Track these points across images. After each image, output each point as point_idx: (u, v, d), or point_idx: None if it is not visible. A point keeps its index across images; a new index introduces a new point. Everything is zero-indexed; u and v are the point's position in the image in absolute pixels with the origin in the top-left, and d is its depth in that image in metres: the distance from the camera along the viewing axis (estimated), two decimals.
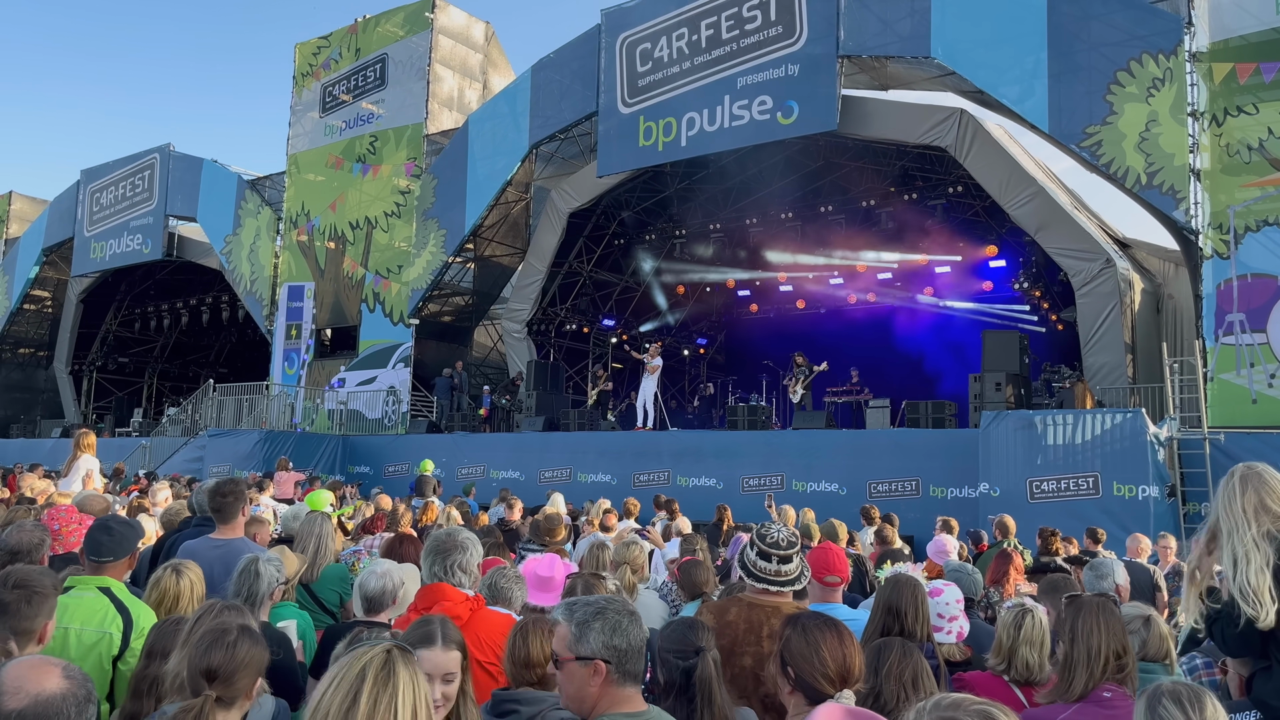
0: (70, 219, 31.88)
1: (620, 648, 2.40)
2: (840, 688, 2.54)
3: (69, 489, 8.48)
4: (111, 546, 3.76)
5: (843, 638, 2.63)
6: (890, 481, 14.54)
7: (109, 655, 3.47)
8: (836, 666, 2.56)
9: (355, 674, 1.78)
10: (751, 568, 3.78)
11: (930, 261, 22.14)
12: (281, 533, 6.57)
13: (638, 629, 2.46)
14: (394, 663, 1.81)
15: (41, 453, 23.83)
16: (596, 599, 2.55)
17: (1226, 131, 13.87)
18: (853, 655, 2.59)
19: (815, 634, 2.63)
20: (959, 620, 4.18)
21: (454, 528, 3.99)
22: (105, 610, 3.53)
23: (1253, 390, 13.36)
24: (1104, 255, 15.12)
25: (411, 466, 18.48)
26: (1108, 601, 3.19)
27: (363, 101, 25.04)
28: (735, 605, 3.81)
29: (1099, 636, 3.01)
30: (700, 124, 18.62)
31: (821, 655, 2.58)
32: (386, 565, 4.15)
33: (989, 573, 5.98)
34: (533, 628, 3.00)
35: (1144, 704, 2.14)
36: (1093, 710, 2.88)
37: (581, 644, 2.40)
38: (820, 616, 2.70)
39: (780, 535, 3.78)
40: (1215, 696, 2.12)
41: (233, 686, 2.64)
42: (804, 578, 3.88)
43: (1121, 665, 2.97)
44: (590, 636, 2.40)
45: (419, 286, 23.09)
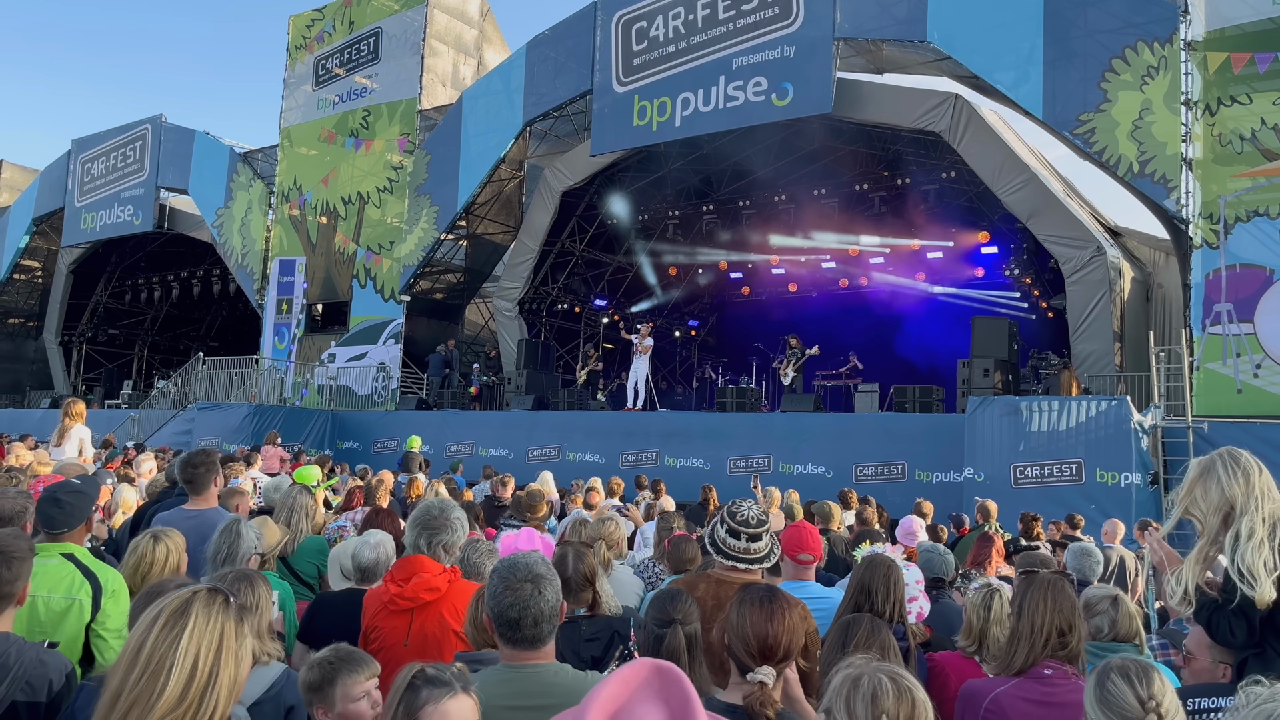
0: (61, 189, 31.68)
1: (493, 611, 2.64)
2: (760, 663, 2.54)
3: (61, 457, 8.47)
4: (63, 518, 3.76)
5: (772, 615, 2.60)
6: (876, 465, 14.60)
7: (81, 621, 3.49)
8: (758, 643, 2.56)
9: (152, 615, 1.84)
10: (721, 545, 3.81)
11: (922, 246, 22.15)
12: (263, 504, 6.58)
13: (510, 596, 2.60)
14: (191, 604, 1.84)
15: (30, 423, 23.76)
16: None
17: (1219, 121, 13.87)
18: (779, 633, 2.57)
19: (745, 608, 2.64)
20: (918, 600, 4.21)
21: (446, 502, 3.96)
22: (72, 576, 3.53)
23: (1238, 380, 13.43)
24: (1095, 243, 15.15)
25: (400, 443, 18.49)
26: (1061, 580, 3.21)
27: (356, 75, 24.89)
28: (704, 581, 3.85)
29: (1044, 612, 3.02)
30: (695, 104, 18.55)
31: (745, 630, 2.59)
32: (380, 536, 4.18)
33: (970, 555, 6.03)
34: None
35: (1093, 679, 2.17)
36: (1030, 685, 2.89)
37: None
38: (763, 591, 2.70)
39: (750, 513, 3.81)
40: (1164, 674, 2.15)
41: None
42: (773, 555, 3.91)
43: (1065, 643, 2.98)
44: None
45: (410, 263, 23.04)
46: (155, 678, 1.78)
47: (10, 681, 2.77)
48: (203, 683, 1.81)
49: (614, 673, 1.43)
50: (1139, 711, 2.04)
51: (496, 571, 2.69)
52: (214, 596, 1.88)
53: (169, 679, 1.79)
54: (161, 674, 1.79)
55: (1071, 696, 2.81)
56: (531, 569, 2.66)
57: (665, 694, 1.39)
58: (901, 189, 20.90)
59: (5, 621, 2.97)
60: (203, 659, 1.82)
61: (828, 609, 3.98)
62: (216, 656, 1.83)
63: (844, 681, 2.01)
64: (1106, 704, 2.10)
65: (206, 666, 1.82)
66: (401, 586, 3.58)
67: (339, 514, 6.95)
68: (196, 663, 1.81)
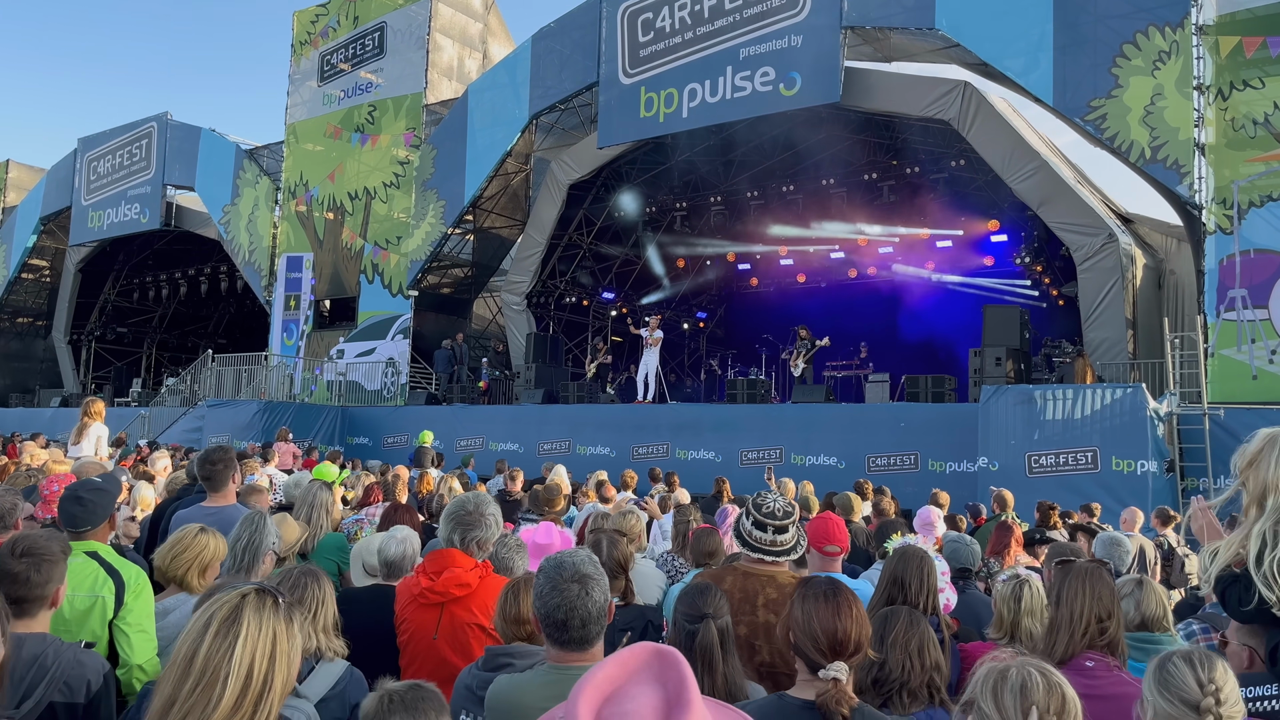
0: (68, 188, 31.72)
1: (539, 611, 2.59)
2: (832, 659, 2.50)
3: (78, 454, 8.48)
4: (85, 516, 3.75)
5: (839, 609, 2.55)
6: (889, 455, 14.55)
7: (104, 619, 3.47)
8: (828, 639, 2.51)
9: (203, 622, 1.81)
10: (747, 537, 3.78)
11: (932, 236, 22.08)
12: (282, 500, 6.57)
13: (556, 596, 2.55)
14: (242, 609, 1.81)
15: (41, 422, 23.83)
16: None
17: (1232, 106, 13.77)
18: (849, 627, 2.52)
19: (810, 604, 2.58)
20: (945, 593, 4.18)
21: (481, 496, 3.90)
22: (95, 574, 3.52)
23: (1253, 366, 13.35)
24: (1106, 230, 15.06)
25: (410, 438, 18.49)
26: (1098, 567, 3.17)
27: (361, 70, 24.84)
28: (730, 574, 3.82)
29: (1083, 600, 2.98)
30: (702, 95, 18.48)
31: (813, 626, 2.54)
32: (406, 531, 4.17)
33: (990, 544, 5.99)
34: (524, 586, 3.01)
35: (1154, 664, 2.14)
36: (1073, 678, 2.84)
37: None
38: (826, 584, 2.65)
39: (776, 505, 3.78)
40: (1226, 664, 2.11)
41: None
42: (800, 547, 3.87)
43: (1104, 629, 2.93)
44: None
45: (418, 258, 23.01)
46: (210, 687, 1.76)
47: (49, 682, 2.75)
48: (258, 690, 1.79)
49: (613, 655, 1.42)
50: (1197, 694, 2.01)
51: (543, 571, 2.65)
52: (264, 599, 1.85)
53: (225, 689, 1.76)
54: (217, 684, 1.76)
55: (1115, 689, 2.76)
56: (579, 568, 2.62)
57: (663, 677, 1.38)
58: (910, 178, 20.81)
59: (41, 623, 2.95)
60: (257, 666, 1.79)
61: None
62: (271, 662, 1.81)
63: (989, 674, 2.00)
64: (1165, 685, 2.07)
65: (261, 673, 1.79)
66: (433, 580, 3.55)
67: (356, 509, 6.93)
68: (251, 670, 1.78)
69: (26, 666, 2.74)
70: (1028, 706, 1.92)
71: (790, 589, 3.56)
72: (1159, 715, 2.06)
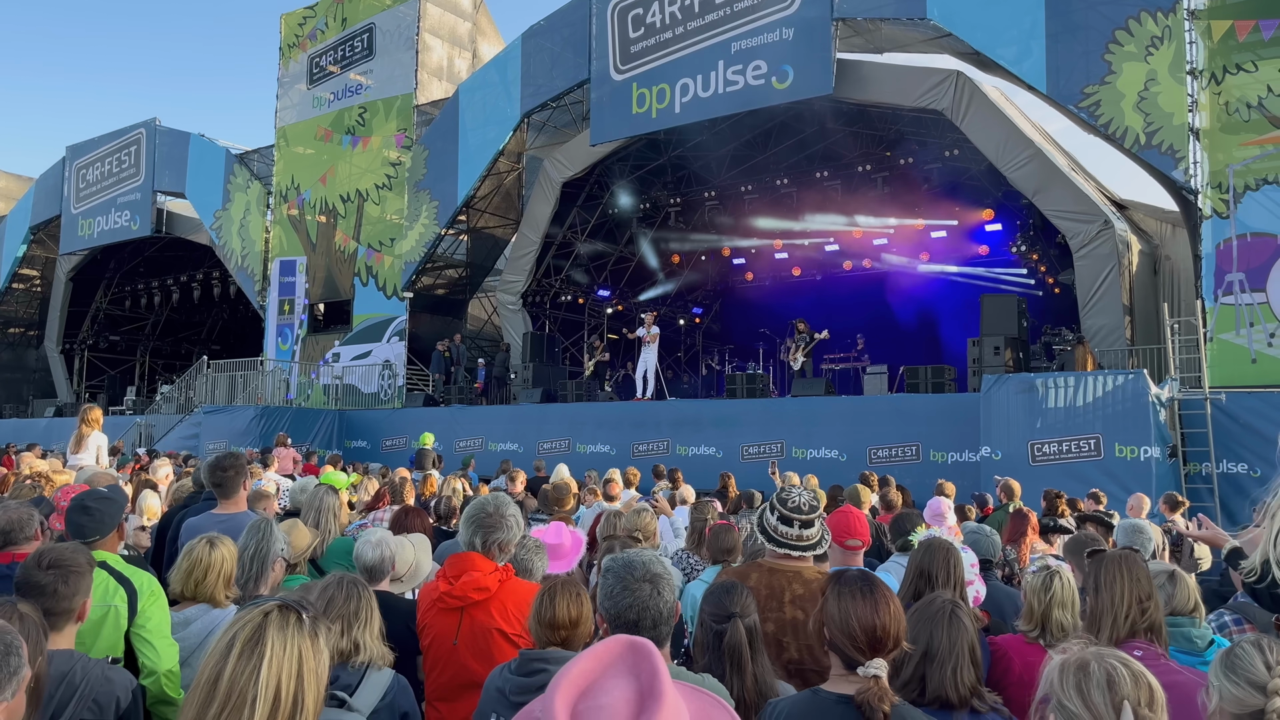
0: (57, 196, 31.54)
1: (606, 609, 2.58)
2: (870, 656, 2.45)
3: (79, 464, 8.41)
4: (94, 526, 3.74)
5: (877, 604, 2.50)
6: (890, 447, 14.54)
7: (119, 627, 3.44)
8: (866, 635, 2.46)
9: (225, 643, 1.76)
10: (773, 533, 3.74)
11: (926, 226, 22.07)
12: (289, 506, 6.52)
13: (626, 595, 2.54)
14: (265, 628, 1.77)
15: (35, 432, 23.70)
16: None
17: (1226, 90, 13.77)
18: (887, 623, 2.47)
19: (847, 600, 2.52)
20: (975, 585, 4.14)
21: (500, 498, 3.82)
22: (105, 583, 3.48)
23: (1252, 350, 13.36)
24: (1102, 217, 15.06)
25: (409, 440, 18.44)
26: (1130, 553, 3.15)
27: (351, 72, 24.74)
28: (755, 571, 3.78)
29: (1122, 585, 2.96)
30: (694, 90, 18.43)
31: (850, 622, 2.48)
32: (380, 534, 4.09)
33: (1006, 533, 5.97)
34: (560, 590, 2.96)
35: (1222, 652, 2.12)
36: None
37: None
38: (860, 578, 2.60)
39: (801, 500, 3.75)
40: None
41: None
42: (824, 542, 3.84)
43: (1145, 609, 2.91)
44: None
45: (412, 259, 22.94)
46: (238, 711, 1.71)
47: (78, 700, 2.71)
48: (288, 711, 1.74)
49: (588, 649, 1.46)
50: (1265, 676, 1.98)
51: (611, 571, 2.61)
52: (287, 616, 1.81)
53: (253, 712, 1.71)
54: (244, 707, 1.71)
55: (1167, 678, 2.72)
56: (649, 568, 2.58)
57: (636, 669, 1.42)
58: (904, 169, 20.79)
59: (67, 638, 2.91)
60: (284, 686, 1.74)
61: None
62: (299, 682, 1.76)
63: (1065, 669, 1.95)
64: (1233, 669, 2.05)
65: (289, 693, 1.75)
66: (451, 584, 3.51)
67: (364, 513, 6.89)
68: (279, 691, 1.74)
69: (55, 684, 2.70)
70: (1118, 701, 1.88)
71: (817, 584, 3.53)
72: (1225, 699, 2.04)
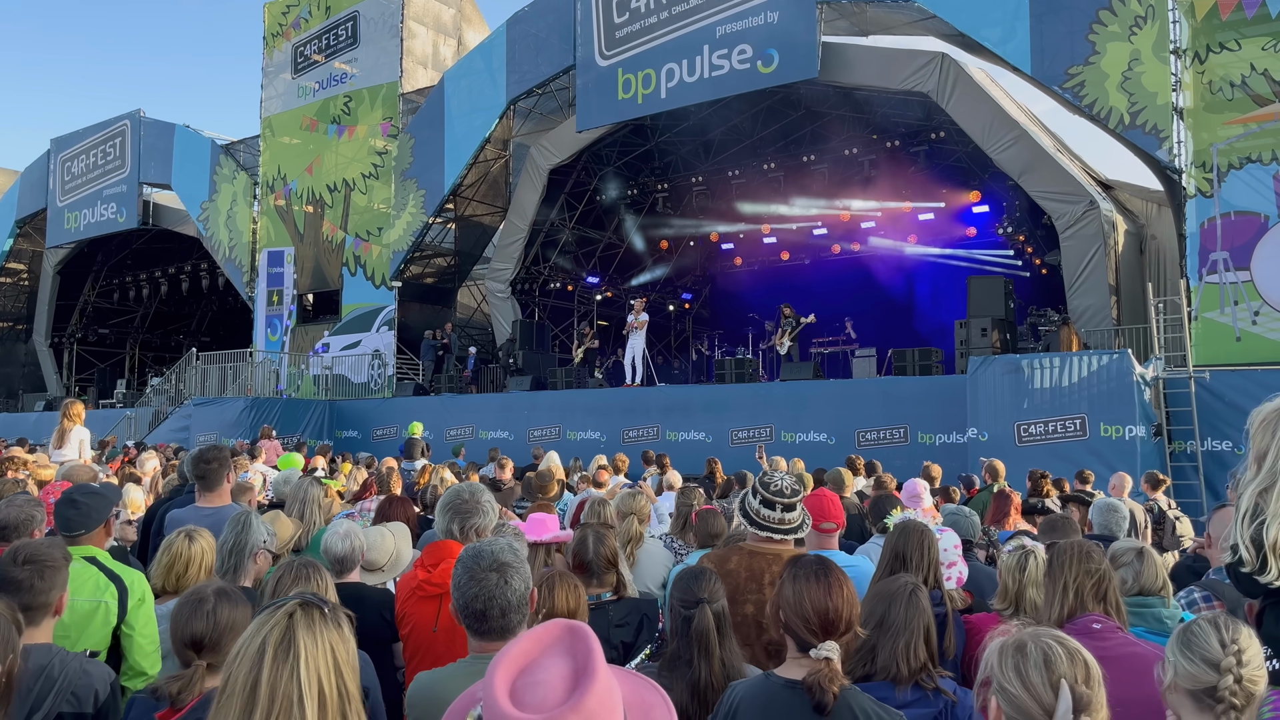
0: (42, 189, 31.36)
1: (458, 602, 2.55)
2: (823, 638, 2.49)
3: (62, 459, 8.40)
4: (80, 520, 3.73)
5: (830, 588, 2.54)
6: (879, 430, 14.60)
7: (107, 623, 3.46)
8: (819, 618, 2.50)
9: (256, 648, 1.76)
10: (755, 516, 3.77)
11: (914, 209, 22.07)
12: (273, 498, 6.53)
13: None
14: (294, 629, 1.77)
15: (26, 426, 23.62)
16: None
17: (1209, 68, 13.79)
18: (839, 605, 2.52)
19: (800, 583, 2.57)
20: (958, 565, 4.18)
21: (475, 486, 3.88)
22: (95, 578, 3.50)
23: (1236, 328, 13.43)
24: (1087, 197, 15.10)
25: (400, 430, 18.45)
26: (1087, 543, 3.18)
27: (335, 61, 24.60)
28: (736, 554, 3.82)
29: (1074, 567, 3.00)
30: (680, 75, 18.38)
31: (804, 605, 2.53)
32: (348, 525, 4.09)
33: (989, 513, 6.01)
34: (559, 580, 2.98)
35: (1180, 628, 2.15)
36: (1083, 641, 2.85)
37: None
38: (815, 563, 2.64)
39: (784, 483, 3.77)
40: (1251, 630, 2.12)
41: (220, 652, 2.60)
42: (806, 525, 3.88)
43: (1099, 583, 2.94)
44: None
45: (400, 248, 22.89)
46: (287, 713, 1.72)
47: (56, 693, 2.72)
48: (336, 703, 1.76)
49: (528, 631, 1.53)
50: (1219, 653, 2.02)
51: (461, 561, 2.59)
52: (310, 612, 1.81)
53: (303, 711, 1.72)
54: (293, 708, 1.72)
55: (1125, 650, 2.76)
56: (497, 557, 2.54)
57: (573, 649, 1.50)
58: (891, 151, 20.79)
59: (45, 632, 2.93)
60: (326, 681, 1.76)
61: (857, 577, 3.94)
62: (339, 676, 1.78)
63: (1004, 650, 1.99)
64: (1189, 645, 2.09)
65: (333, 686, 1.77)
66: (430, 572, 3.53)
67: (352, 503, 6.91)
68: (323, 688, 1.75)
69: (34, 677, 2.71)
70: (1056, 680, 1.91)
71: None
72: (1180, 674, 2.08)
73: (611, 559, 3.82)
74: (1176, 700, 2.09)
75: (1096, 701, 1.94)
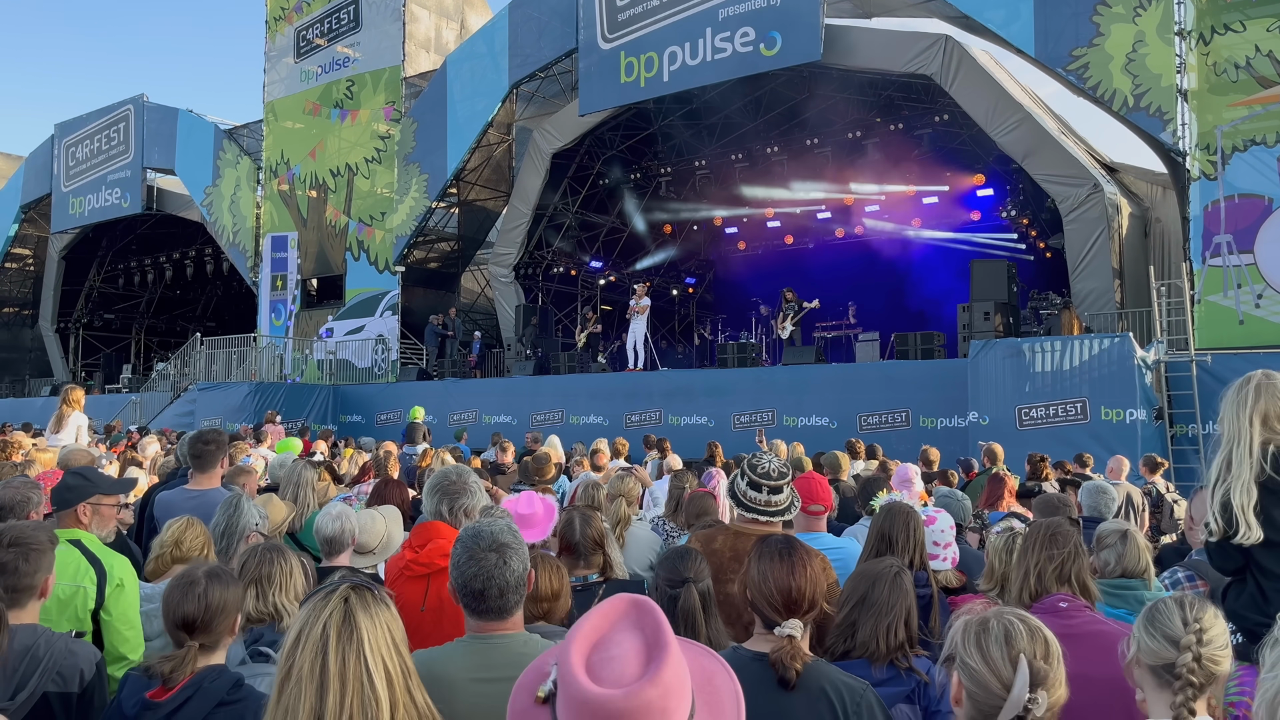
0: (47, 174, 31.41)
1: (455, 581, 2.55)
2: (786, 616, 2.52)
3: (57, 444, 8.45)
4: (70, 499, 3.75)
5: (794, 567, 2.56)
6: (880, 414, 14.59)
7: (85, 608, 3.47)
8: (782, 596, 2.53)
9: (319, 634, 1.79)
10: (741, 498, 3.79)
11: (917, 192, 21.99)
12: (269, 481, 6.57)
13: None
14: (353, 612, 1.80)
15: (32, 411, 23.71)
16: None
17: (1214, 50, 13.69)
18: (802, 585, 2.54)
19: (765, 562, 2.60)
20: (952, 547, 4.19)
21: (461, 468, 3.91)
22: (77, 563, 3.51)
23: (1240, 311, 13.39)
24: (1091, 180, 15.03)
25: (403, 414, 18.47)
26: (1057, 524, 3.19)
27: (337, 45, 24.55)
28: (722, 534, 3.85)
29: (1037, 551, 3.02)
30: (682, 58, 18.31)
31: (768, 584, 2.56)
32: (340, 508, 4.11)
33: (983, 496, 6.02)
34: (541, 562, 2.99)
35: (1147, 607, 2.18)
36: (1048, 620, 2.86)
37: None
38: (781, 543, 2.66)
39: (771, 466, 3.79)
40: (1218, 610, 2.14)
41: (211, 633, 2.65)
42: (794, 508, 3.89)
43: (1061, 566, 2.96)
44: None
45: (403, 233, 22.89)
46: (360, 692, 1.75)
47: (41, 673, 2.75)
48: (402, 680, 1.80)
49: (594, 608, 1.55)
50: (1180, 631, 2.05)
51: (460, 541, 2.61)
52: (363, 594, 1.85)
53: (375, 690, 1.75)
54: (365, 688, 1.75)
55: (1091, 627, 2.78)
56: (496, 537, 2.56)
57: (641, 624, 1.53)
58: (894, 135, 20.69)
59: (30, 613, 2.94)
60: (389, 659, 1.80)
61: (842, 559, 3.97)
62: (399, 655, 1.82)
63: (967, 628, 2.03)
64: (1152, 623, 2.13)
65: (397, 664, 1.81)
66: (417, 552, 3.56)
67: (350, 486, 6.94)
68: (388, 666, 1.79)
69: (19, 658, 2.74)
70: (1015, 655, 1.95)
71: None
72: (1142, 650, 2.12)
73: (599, 540, 3.84)
74: (1140, 675, 2.13)
75: (1054, 677, 1.96)
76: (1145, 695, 2.12)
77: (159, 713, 2.54)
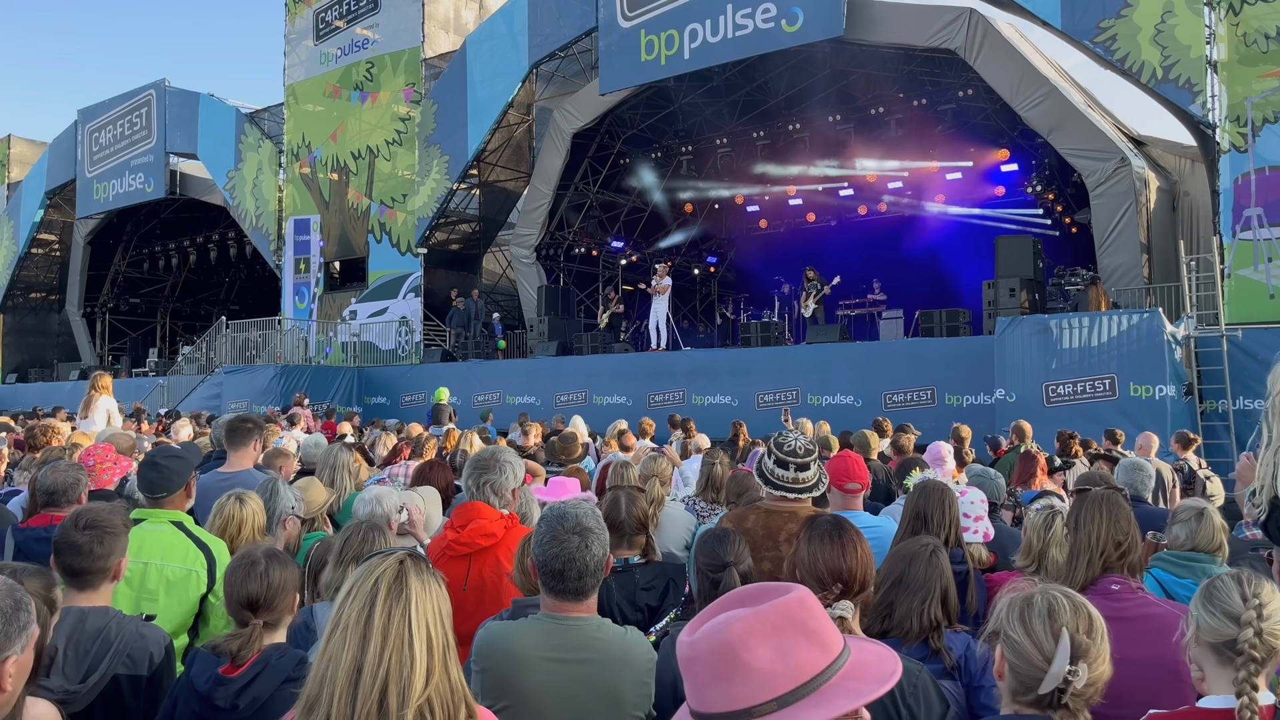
0: (71, 160, 31.64)
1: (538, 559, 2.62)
2: (836, 598, 2.53)
3: (90, 430, 8.55)
4: (162, 482, 3.79)
5: (845, 547, 2.59)
6: (905, 391, 14.55)
7: (197, 592, 3.54)
8: (833, 577, 2.55)
9: (370, 586, 1.80)
10: (769, 475, 3.82)
11: (941, 168, 21.80)
12: (303, 463, 6.63)
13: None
14: (406, 574, 1.82)
15: (61, 395, 24.02)
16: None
17: (1244, 20, 13.47)
18: (853, 565, 2.57)
19: (815, 544, 2.62)
20: (984, 520, 4.20)
21: (499, 448, 3.99)
22: (185, 546, 3.57)
23: (1270, 285, 13.23)
24: (1118, 154, 14.84)
25: (428, 396, 18.59)
26: (1114, 494, 3.18)
27: (357, 27, 24.54)
28: (753, 513, 3.89)
29: (1099, 524, 2.99)
30: (703, 35, 18.19)
31: (818, 565, 2.58)
32: (375, 491, 4.17)
33: (1015, 474, 6.01)
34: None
35: (1204, 584, 2.20)
36: (1099, 601, 2.88)
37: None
38: (830, 523, 2.68)
39: (797, 443, 3.81)
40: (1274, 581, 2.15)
41: (274, 610, 2.72)
42: (821, 484, 3.91)
43: (1123, 553, 2.96)
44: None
45: (425, 215, 22.93)
46: (399, 651, 1.75)
47: (113, 655, 2.80)
48: (442, 649, 1.81)
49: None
50: (1240, 607, 2.06)
51: (545, 520, 2.67)
52: (419, 564, 1.87)
53: (412, 651, 1.76)
54: (404, 647, 1.75)
55: (1141, 610, 2.79)
56: (580, 521, 2.62)
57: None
58: (918, 110, 20.51)
59: (104, 595, 2.99)
60: (432, 626, 1.80)
61: (880, 537, 3.97)
62: (443, 627, 1.83)
63: (1012, 604, 2.07)
64: (1211, 599, 2.14)
65: (440, 633, 1.81)
66: (459, 532, 3.61)
67: (382, 468, 6.99)
68: (430, 632, 1.80)
69: (91, 640, 2.79)
70: (1058, 629, 1.99)
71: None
72: (1202, 628, 2.13)
73: (643, 521, 3.88)
74: (1199, 654, 2.13)
75: (1096, 652, 2.00)
76: (1205, 673, 2.12)
77: (231, 688, 2.62)
